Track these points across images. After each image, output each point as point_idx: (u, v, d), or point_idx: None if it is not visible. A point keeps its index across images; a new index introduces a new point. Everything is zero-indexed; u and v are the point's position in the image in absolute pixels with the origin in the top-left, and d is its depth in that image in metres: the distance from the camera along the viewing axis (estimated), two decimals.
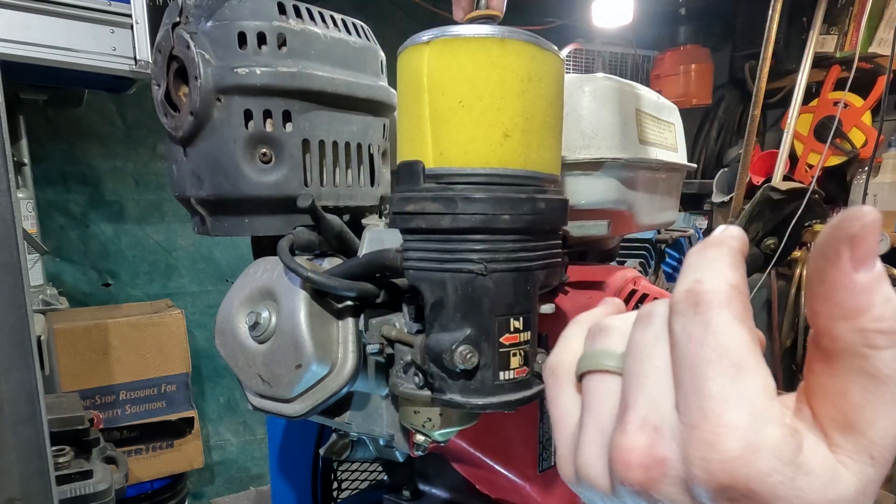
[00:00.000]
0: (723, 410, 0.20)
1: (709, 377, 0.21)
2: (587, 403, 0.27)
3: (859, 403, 0.20)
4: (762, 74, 2.03)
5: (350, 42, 0.58)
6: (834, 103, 2.31)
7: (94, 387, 1.82)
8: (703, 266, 0.23)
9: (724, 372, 0.21)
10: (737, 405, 0.20)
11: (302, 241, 0.56)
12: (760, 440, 0.20)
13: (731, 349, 0.21)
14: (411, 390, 0.49)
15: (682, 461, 0.21)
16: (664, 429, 0.22)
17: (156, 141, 2.19)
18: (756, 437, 0.20)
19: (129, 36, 1.43)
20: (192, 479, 2.25)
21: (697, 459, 0.20)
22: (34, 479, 0.78)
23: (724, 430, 0.20)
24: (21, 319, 0.75)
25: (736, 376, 0.20)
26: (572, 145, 0.62)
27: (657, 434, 0.22)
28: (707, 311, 0.21)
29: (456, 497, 0.77)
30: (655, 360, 0.24)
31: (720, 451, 0.20)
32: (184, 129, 0.54)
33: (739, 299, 0.22)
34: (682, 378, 0.22)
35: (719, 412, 0.20)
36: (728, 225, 0.25)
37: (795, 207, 1.94)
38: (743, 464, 0.19)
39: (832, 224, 0.19)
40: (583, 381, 0.27)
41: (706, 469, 0.20)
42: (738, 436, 0.20)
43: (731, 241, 0.23)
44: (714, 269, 0.22)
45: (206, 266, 2.37)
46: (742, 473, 0.19)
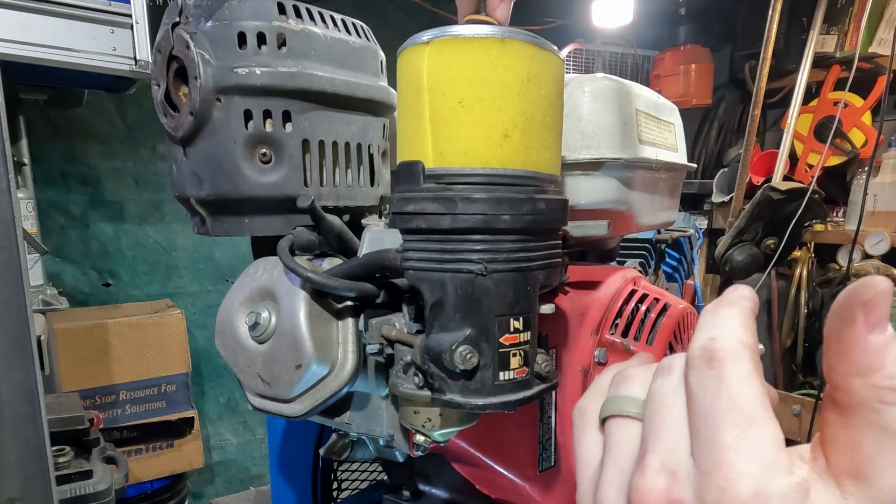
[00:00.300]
0: (735, 459, 0.22)
1: (723, 428, 0.22)
2: (608, 446, 0.28)
3: (871, 454, 0.21)
4: (762, 74, 2.03)
5: (350, 42, 0.58)
6: (834, 103, 2.30)
7: (94, 387, 1.82)
8: (716, 325, 0.25)
9: (736, 424, 0.22)
10: (748, 455, 0.22)
11: (302, 241, 0.56)
12: (769, 487, 0.21)
13: (743, 403, 0.22)
14: (411, 390, 0.49)
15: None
16: (681, 473, 0.24)
17: (156, 141, 2.19)
18: (765, 484, 0.21)
19: (129, 36, 1.43)
20: (192, 479, 2.25)
21: (711, 503, 0.22)
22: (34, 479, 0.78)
23: (736, 478, 0.21)
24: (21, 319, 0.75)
25: (748, 428, 0.22)
26: (572, 145, 0.62)
27: (674, 478, 0.24)
28: (721, 367, 0.23)
29: (456, 497, 0.77)
30: (673, 409, 0.25)
31: (732, 495, 0.21)
32: (184, 129, 0.54)
33: (751, 357, 0.24)
34: (698, 428, 0.24)
35: (732, 461, 0.22)
36: (740, 285, 0.27)
37: (795, 207, 1.94)
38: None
39: (849, 290, 0.21)
40: (605, 425, 0.29)
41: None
42: (749, 483, 0.21)
43: (743, 301, 0.25)
44: (727, 327, 0.24)
45: (206, 266, 2.37)
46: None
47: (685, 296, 1.20)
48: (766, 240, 1.97)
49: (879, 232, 2.04)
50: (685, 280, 1.21)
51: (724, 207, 2.51)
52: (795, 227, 1.96)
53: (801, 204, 1.93)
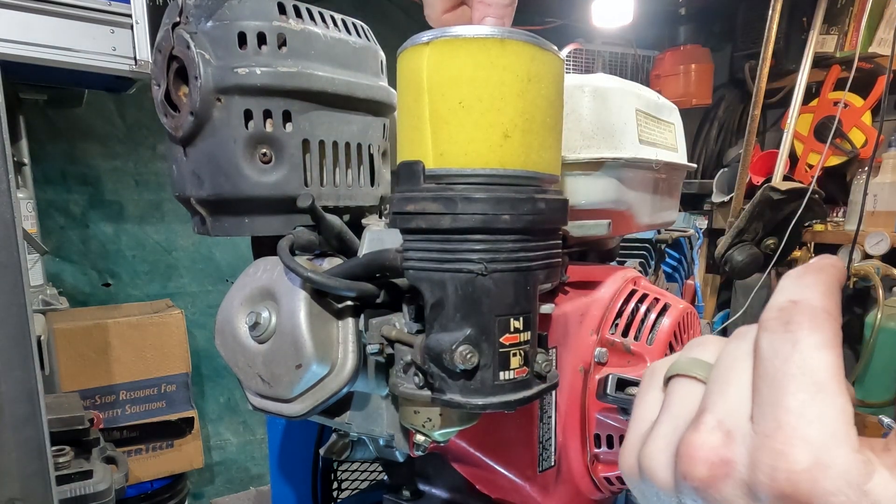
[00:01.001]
0: (798, 424, 0.21)
1: (789, 392, 0.21)
2: (667, 402, 0.28)
3: None
4: (762, 74, 2.03)
5: (350, 42, 0.58)
6: (834, 103, 2.30)
7: (94, 387, 1.82)
8: (799, 289, 0.23)
9: (804, 389, 0.21)
10: (813, 422, 0.21)
11: (302, 241, 0.56)
12: (831, 458, 0.20)
13: (815, 369, 0.21)
14: (411, 390, 0.49)
15: (749, 466, 0.22)
16: (737, 434, 0.23)
17: (156, 141, 2.19)
18: (827, 455, 0.20)
19: (129, 36, 1.43)
20: (192, 479, 2.25)
21: (765, 466, 0.21)
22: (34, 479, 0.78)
23: (797, 443, 0.20)
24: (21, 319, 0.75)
25: (816, 395, 0.21)
26: (572, 145, 0.62)
27: (729, 437, 0.23)
28: (798, 331, 0.22)
29: (456, 497, 0.77)
30: (740, 373, 0.24)
31: (789, 461, 0.20)
32: (184, 129, 0.54)
33: (831, 325, 0.22)
34: (762, 390, 0.22)
35: (794, 425, 0.21)
36: (828, 255, 0.25)
37: (795, 207, 1.94)
38: (809, 478, 0.20)
39: None
40: (668, 384, 0.28)
41: (772, 476, 0.21)
42: (809, 450, 0.20)
43: (831, 269, 0.24)
44: (810, 292, 0.23)
45: (206, 266, 2.37)
46: (806, 487, 0.20)
47: (685, 296, 1.20)
48: (766, 240, 1.97)
49: (879, 232, 2.04)
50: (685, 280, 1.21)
51: (724, 207, 2.51)
52: (795, 227, 1.96)
53: (801, 204, 1.93)
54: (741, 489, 0.22)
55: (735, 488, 0.22)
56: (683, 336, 0.70)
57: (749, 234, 1.97)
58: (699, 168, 2.84)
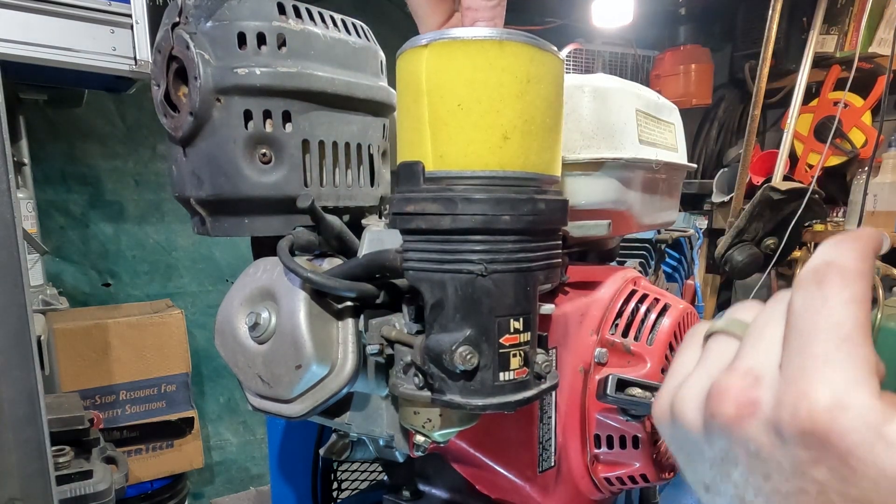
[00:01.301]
0: (822, 369, 0.22)
1: (816, 341, 0.23)
2: (704, 356, 0.30)
3: None
4: (762, 74, 2.03)
5: (350, 42, 0.58)
6: (834, 103, 2.30)
7: (94, 387, 1.82)
8: (835, 251, 0.25)
9: (831, 339, 0.23)
10: (836, 367, 0.22)
11: (302, 242, 0.56)
12: (851, 400, 0.22)
13: (843, 323, 0.23)
14: (411, 391, 0.49)
15: (774, 406, 0.24)
16: (765, 379, 0.25)
17: (156, 141, 2.19)
18: (847, 397, 0.22)
19: (129, 36, 1.43)
20: (192, 479, 2.25)
21: (788, 405, 0.23)
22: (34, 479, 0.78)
23: (818, 385, 0.22)
24: (21, 319, 0.75)
25: (842, 345, 0.23)
26: (572, 145, 0.62)
27: (757, 381, 0.25)
28: (829, 288, 0.24)
29: (456, 497, 0.77)
30: (774, 329, 0.26)
31: (810, 400, 0.22)
32: (183, 129, 0.54)
33: (862, 284, 0.24)
34: (792, 341, 0.24)
35: (818, 369, 0.22)
36: (869, 227, 0.27)
37: (795, 207, 1.94)
38: (829, 417, 0.21)
39: None
40: (707, 341, 0.30)
41: (794, 414, 0.22)
42: (830, 391, 0.22)
43: (869, 237, 0.26)
44: (845, 255, 0.24)
45: (206, 266, 2.37)
46: (825, 424, 0.22)
47: (685, 296, 1.20)
48: (766, 240, 1.97)
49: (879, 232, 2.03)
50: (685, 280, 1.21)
51: (724, 207, 2.51)
52: (795, 227, 1.96)
53: (801, 204, 1.93)
54: (765, 427, 0.24)
55: (760, 427, 0.24)
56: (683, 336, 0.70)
57: (749, 234, 1.97)
58: (699, 168, 2.84)
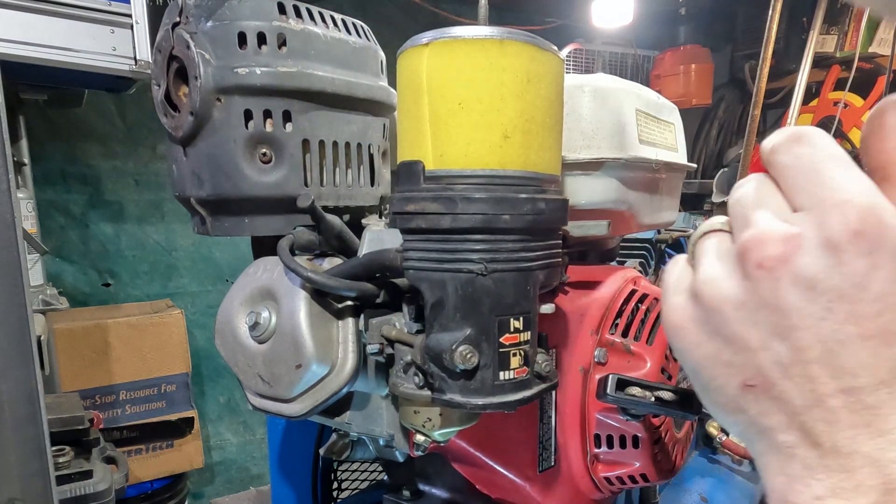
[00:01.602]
0: (847, 183, 0.25)
1: (827, 171, 0.25)
2: (699, 252, 0.30)
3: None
4: (762, 74, 2.03)
5: (350, 42, 0.58)
6: (834, 103, 2.30)
7: (94, 387, 1.82)
8: (787, 129, 0.27)
9: (839, 167, 0.25)
10: (856, 181, 0.25)
11: (302, 241, 0.56)
12: (881, 201, 0.24)
13: (840, 155, 0.25)
14: (411, 390, 0.49)
15: (818, 227, 0.25)
16: (791, 219, 0.26)
17: (156, 141, 2.19)
18: (877, 198, 0.24)
19: (129, 36, 1.43)
20: (192, 479, 2.25)
21: (834, 216, 0.24)
22: (34, 479, 0.78)
23: (852, 194, 0.24)
24: (21, 319, 0.75)
25: (850, 169, 0.25)
26: (572, 145, 0.62)
27: (786, 223, 0.26)
28: (811, 139, 0.26)
29: (456, 497, 0.77)
30: (766, 191, 0.27)
31: (854, 204, 0.24)
32: (184, 129, 0.54)
33: (834, 141, 0.27)
34: (799, 184, 0.26)
35: (845, 184, 0.25)
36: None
37: None
38: (873, 214, 0.24)
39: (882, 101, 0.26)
40: (696, 248, 0.31)
41: (844, 221, 0.24)
42: (865, 194, 0.24)
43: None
44: (798, 128, 0.27)
45: (206, 266, 2.37)
46: (874, 220, 0.24)
47: None
48: None
49: None
50: None
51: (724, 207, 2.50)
52: None
53: None
54: (817, 251, 0.24)
55: (812, 254, 0.24)
56: None
57: None
58: (699, 168, 2.84)
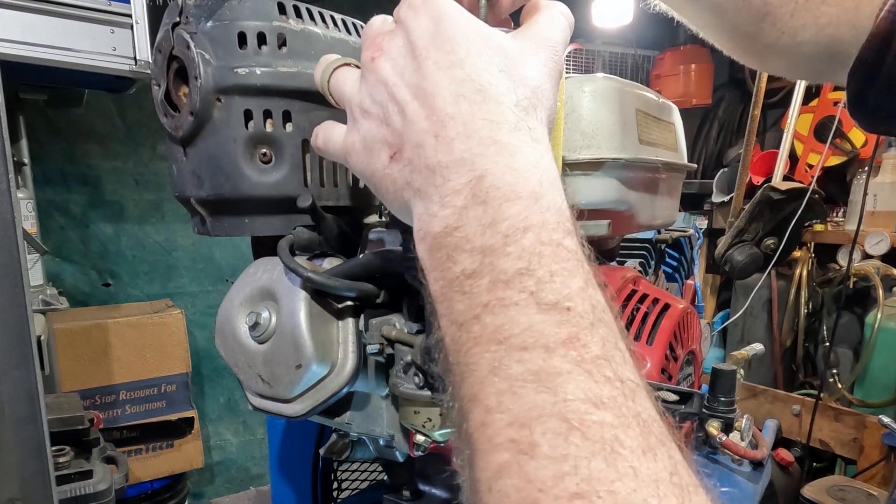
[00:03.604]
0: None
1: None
2: (340, 81, 0.39)
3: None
4: (762, 74, 2.03)
5: (350, 42, 0.58)
6: (834, 103, 2.30)
7: (94, 387, 1.82)
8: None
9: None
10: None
11: (302, 241, 0.56)
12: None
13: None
14: (411, 390, 0.49)
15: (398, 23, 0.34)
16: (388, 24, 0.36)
17: (156, 141, 2.19)
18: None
19: (129, 36, 1.43)
20: (192, 479, 2.25)
21: (402, 6, 0.34)
22: (34, 479, 0.78)
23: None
24: (21, 319, 0.75)
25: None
26: (572, 145, 0.62)
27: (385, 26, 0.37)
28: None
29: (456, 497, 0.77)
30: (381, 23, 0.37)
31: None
32: (184, 129, 0.54)
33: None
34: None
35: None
36: None
37: (795, 207, 1.94)
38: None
39: None
40: (332, 78, 0.40)
41: (407, 5, 0.34)
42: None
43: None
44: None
45: (206, 266, 2.37)
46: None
47: (685, 296, 1.20)
48: (766, 240, 1.97)
49: (879, 232, 2.03)
50: (685, 280, 1.21)
51: (724, 207, 2.51)
52: (795, 227, 1.96)
53: (801, 204, 1.93)
54: (397, 34, 0.34)
55: (395, 36, 0.34)
56: (683, 336, 0.70)
57: (749, 234, 1.97)
58: (699, 168, 2.84)
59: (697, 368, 0.81)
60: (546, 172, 0.30)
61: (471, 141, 0.30)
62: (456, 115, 0.30)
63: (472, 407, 0.27)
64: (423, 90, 0.32)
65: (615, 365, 0.26)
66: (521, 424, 0.24)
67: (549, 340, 0.26)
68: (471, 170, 0.30)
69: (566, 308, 0.26)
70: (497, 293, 0.27)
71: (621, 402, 0.24)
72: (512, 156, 0.30)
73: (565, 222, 0.29)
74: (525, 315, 0.26)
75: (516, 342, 0.26)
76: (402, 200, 0.33)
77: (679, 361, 0.70)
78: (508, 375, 0.26)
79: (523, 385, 0.25)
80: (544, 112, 0.33)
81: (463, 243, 0.29)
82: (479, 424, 0.26)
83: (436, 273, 0.30)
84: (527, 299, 0.27)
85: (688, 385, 0.77)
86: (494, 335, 0.27)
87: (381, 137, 0.34)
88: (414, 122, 0.32)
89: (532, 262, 0.27)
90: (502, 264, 0.27)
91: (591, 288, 0.28)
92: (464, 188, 0.29)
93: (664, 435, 0.25)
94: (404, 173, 0.33)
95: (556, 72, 0.34)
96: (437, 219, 0.30)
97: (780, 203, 1.93)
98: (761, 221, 1.96)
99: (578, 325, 0.26)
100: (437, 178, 0.31)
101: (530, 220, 0.28)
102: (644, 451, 0.23)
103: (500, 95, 0.31)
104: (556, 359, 0.25)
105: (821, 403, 1.87)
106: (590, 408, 0.24)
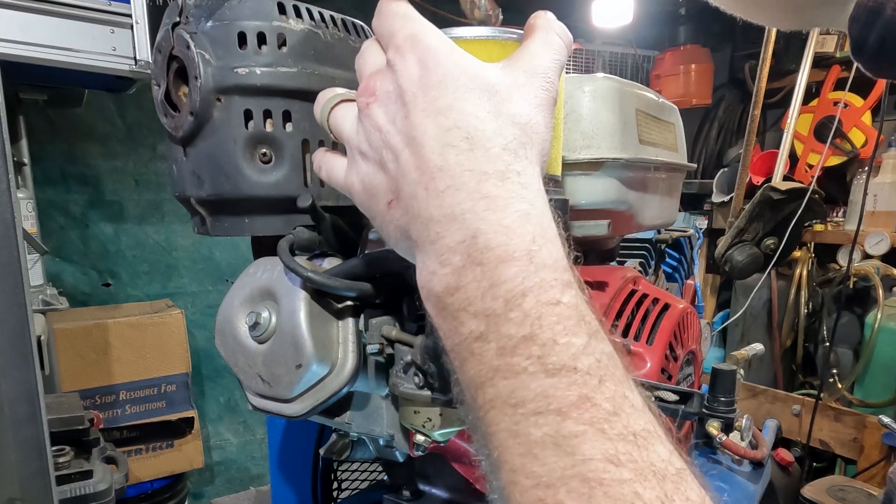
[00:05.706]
0: (398, 25, 0.35)
1: (388, 20, 0.36)
2: (339, 120, 0.40)
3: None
4: (762, 74, 2.03)
5: (350, 42, 0.58)
6: (834, 103, 2.31)
7: (94, 387, 1.82)
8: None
9: (396, 16, 0.35)
10: (406, 22, 0.35)
11: (302, 241, 0.56)
12: (419, 29, 0.34)
13: (398, 10, 0.35)
14: (411, 390, 0.49)
15: (385, 62, 0.35)
16: (379, 62, 0.37)
17: (156, 141, 2.19)
18: (416, 28, 0.34)
19: (129, 36, 1.43)
20: (192, 479, 2.25)
21: (390, 48, 0.35)
22: (34, 479, 0.78)
23: (397, 30, 0.35)
24: (21, 319, 0.75)
25: (405, 17, 0.35)
26: (572, 145, 0.62)
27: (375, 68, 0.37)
28: (383, 6, 0.36)
29: (456, 497, 0.77)
30: (372, 52, 0.38)
31: (397, 35, 0.34)
32: (184, 129, 0.54)
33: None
34: (380, 33, 0.37)
35: (398, 26, 0.35)
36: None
37: (795, 207, 1.94)
38: (410, 36, 0.34)
39: None
40: (333, 113, 0.40)
41: (393, 45, 0.34)
42: (407, 28, 0.34)
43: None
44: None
45: (206, 266, 2.37)
46: (410, 38, 0.34)
47: (685, 296, 1.20)
48: (766, 240, 1.97)
49: (879, 232, 2.04)
50: (685, 280, 1.21)
51: (724, 207, 2.51)
52: (795, 227, 1.96)
53: (801, 204, 1.93)
54: (386, 76, 0.35)
55: (385, 79, 0.35)
56: (683, 336, 0.70)
57: (749, 234, 1.97)
58: (699, 168, 2.84)
59: (697, 368, 0.81)
60: (538, 224, 0.30)
61: (460, 194, 0.30)
62: (444, 166, 0.31)
63: (500, 465, 0.28)
64: (413, 139, 0.32)
65: (625, 417, 0.27)
66: (546, 485, 0.26)
67: (562, 404, 0.27)
68: (463, 227, 0.30)
69: (573, 368, 0.27)
70: (505, 359, 0.28)
71: (636, 457, 0.26)
72: (503, 211, 0.30)
73: (562, 275, 0.30)
74: (535, 380, 0.27)
75: (531, 407, 0.27)
76: (404, 245, 0.35)
77: (679, 361, 0.70)
78: (528, 440, 0.27)
79: (543, 448, 0.27)
80: (535, 148, 0.33)
81: (466, 305, 0.30)
82: (507, 482, 0.28)
83: (445, 331, 0.32)
84: (534, 364, 0.28)
85: (688, 385, 0.77)
86: (509, 399, 0.28)
87: (378, 182, 0.35)
88: (406, 173, 0.32)
89: (534, 327, 0.28)
90: (507, 330, 0.29)
91: (594, 340, 0.29)
92: (458, 246, 0.30)
93: (678, 476, 0.26)
94: (402, 221, 0.34)
95: (549, 100, 0.34)
96: (437, 277, 0.31)
97: (780, 203, 1.93)
98: (761, 221, 1.96)
99: (587, 384, 0.27)
100: (432, 233, 0.31)
101: (528, 283, 0.29)
102: (662, 502, 0.25)
103: (486, 141, 0.31)
104: (569, 422, 0.26)
105: (821, 403, 1.87)
106: (608, 466, 0.25)
